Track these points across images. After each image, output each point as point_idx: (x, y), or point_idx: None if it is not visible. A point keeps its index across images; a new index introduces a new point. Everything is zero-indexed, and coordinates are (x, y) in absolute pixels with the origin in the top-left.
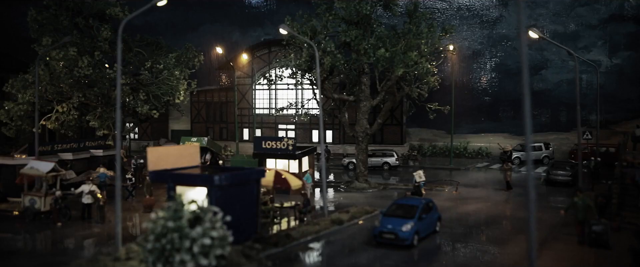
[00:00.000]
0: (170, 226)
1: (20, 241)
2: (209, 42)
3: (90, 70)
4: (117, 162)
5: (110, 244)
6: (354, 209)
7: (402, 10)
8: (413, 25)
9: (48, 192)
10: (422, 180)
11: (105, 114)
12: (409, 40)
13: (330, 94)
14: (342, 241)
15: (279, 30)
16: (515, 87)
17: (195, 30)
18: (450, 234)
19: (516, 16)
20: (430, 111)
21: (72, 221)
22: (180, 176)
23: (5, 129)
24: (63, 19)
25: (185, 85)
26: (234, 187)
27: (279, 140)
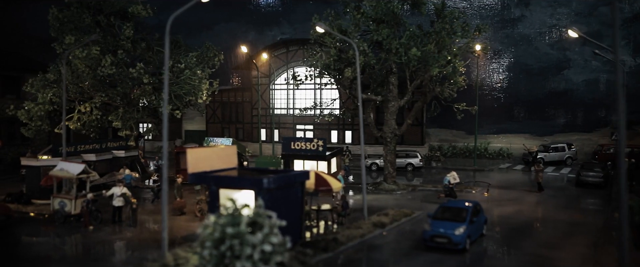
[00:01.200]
0: (230, 232)
1: (52, 246)
2: (224, 42)
3: (113, 70)
4: (164, 164)
5: (147, 249)
6: (392, 212)
7: (431, 9)
8: (446, 23)
9: (78, 194)
10: (456, 181)
11: (128, 114)
12: (442, 39)
13: (357, 94)
14: (389, 245)
15: (316, 28)
16: (537, 87)
17: (210, 29)
18: (497, 237)
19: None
20: (458, 112)
21: (102, 224)
22: (225, 179)
23: (25, 129)
24: (85, 17)
25: (208, 85)
26: (281, 190)
27: (309, 141)
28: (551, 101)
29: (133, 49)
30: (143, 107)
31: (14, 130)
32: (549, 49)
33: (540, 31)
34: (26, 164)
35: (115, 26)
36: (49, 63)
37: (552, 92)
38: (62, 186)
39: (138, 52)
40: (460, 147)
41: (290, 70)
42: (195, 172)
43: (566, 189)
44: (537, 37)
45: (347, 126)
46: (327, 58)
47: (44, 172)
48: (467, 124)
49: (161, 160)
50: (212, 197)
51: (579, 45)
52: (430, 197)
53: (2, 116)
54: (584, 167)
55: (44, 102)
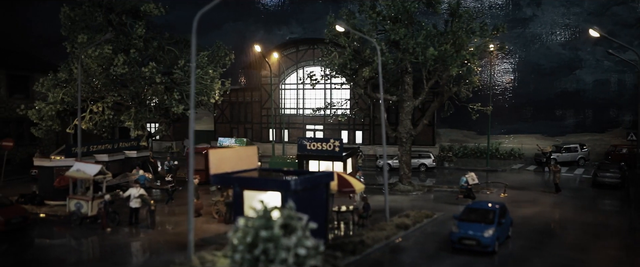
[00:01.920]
0: (264, 235)
1: (71, 249)
2: (232, 41)
3: (125, 69)
4: (190, 164)
5: (168, 251)
6: (413, 213)
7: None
8: (463, 23)
9: (95, 195)
10: (474, 182)
11: (140, 114)
12: (459, 39)
13: (373, 94)
14: (415, 247)
15: (335, 27)
16: (549, 87)
17: (219, 28)
18: (523, 239)
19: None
20: (472, 112)
21: (119, 226)
22: (249, 180)
23: (35, 129)
24: (97, 16)
25: (219, 85)
26: (307, 191)
27: (325, 141)
28: (562, 101)
29: (145, 48)
30: (155, 107)
31: (23, 130)
32: (560, 48)
33: (552, 31)
34: (39, 164)
35: (127, 25)
36: (59, 62)
37: (564, 92)
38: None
39: (150, 51)
40: (471, 148)
41: (300, 69)
42: (218, 173)
43: (582, 190)
44: (548, 36)
45: (357, 126)
46: (342, 58)
47: (57, 173)
48: (478, 124)
49: (172, 160)
50: (236, 199)
51: (591, 45)
52: (447, 198)
53: (11, 116)
54: (600, 167)
55: (55, 102)
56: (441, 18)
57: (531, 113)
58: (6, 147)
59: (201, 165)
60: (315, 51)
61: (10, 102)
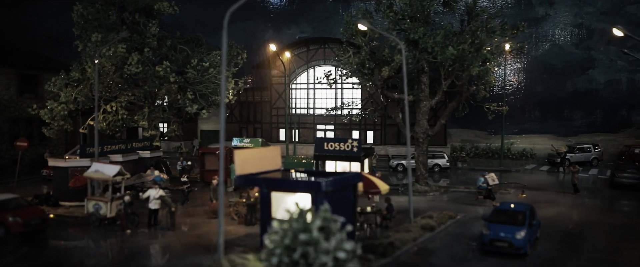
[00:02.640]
0: (303, 239)
1: (93, 251)
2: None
3: (139, 68)
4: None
5: (193, 254)
6: (436, 214)
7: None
8: (481, 22)
9: (113, 196)
10: (494, 183)
11: (153, 114)
12: (479, 38)
13: (389, 94)
14: (443, 249)
15: (358, 26)
16: (561, 87)
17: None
18: (551, 241)
19: (562, 15)
20: (488, 112)
21: (138, 227)
22: (277, 181)
23: (47, 129)
24: (111, 15)
25: (233, 84)
26: (336, 192)
27: (343, 141)
28: (575, 101)
29: (158, 47)
30: (169, 106)
31: (32, 130)
32: (573, 48)
33: (565, 30)
34: (53, 164)
35: (140, 24)
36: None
37: (576, 92)
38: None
39: (163, 50)
40: (482, 148)
41: (311, 69)
42: (243, 174)
43: (600, 190)
44: (561, 36)
45: (369, 126)
46: (358, 57)
47: (72, 174)
48: (490, 124)
49: (185, 161)
50: (263, 201)
51: (604, 45)
52: (465, 199)
53: (21, 115)
54: (618, 168)
55: (67, 102)
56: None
57: (543, 113)
58: (20, 148)
59: (215, 165)
60: (327, 51)
61: (20, 101)
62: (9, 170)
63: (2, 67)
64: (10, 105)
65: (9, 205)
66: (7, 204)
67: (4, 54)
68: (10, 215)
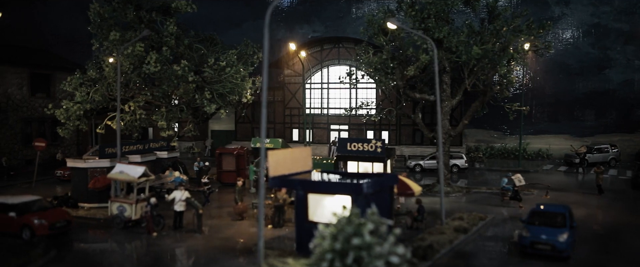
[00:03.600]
0: (356, 243)
1: (121, 255)
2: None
3: (157, 67)
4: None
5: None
6: (466, 216)
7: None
8: (505, 21)
9: (138, 198)
10: (521, 184)
11: (171, 114)
12: (505, 37)
13: (412, 93)
14: (481, 252)
15: (387, 24)
16: (576, 86)
17: (239, 26)
18: (589, 243)
19: (578, 14)
20: (510, 112)
21: (164, 230)
22: (315, 183)
23: (61, 129)
24: (128, 13)
25: (251, 83)
26: (375, 195)
27: (366, 141)
28: (591, 101)
29: (176, 46)
30: (187, 106)
31: (44, 130)
32: (589, 48)
33: (581, 30)
34: (73, 165)
35: (157, 22)
36: (81, 61)
37: (593, 92)
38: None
39: (180, 49)
40: (497, 148)
41: (325, 69)
42: (277, 175)
43: (624, 191)
44: (577, 36)
45: (384, 126)
46: (378, 56)
47: (91, 174)
48: (504, 124)
49: (202, 161)
50: (299, 203)
51: (621, 44)
52: (489, 200)
53: (33, 115)
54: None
55: (83, 101)
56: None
57: (558, 113)
58: (38, 148)
59: (232, 166)
60: (341, 50)
61: (32, 101)
62: (22, 171)
63: (15, 66)
64: (23, 105)
65: (32, 207)
66: (30, 206)
67: (16, 52)
68: (35, 217)
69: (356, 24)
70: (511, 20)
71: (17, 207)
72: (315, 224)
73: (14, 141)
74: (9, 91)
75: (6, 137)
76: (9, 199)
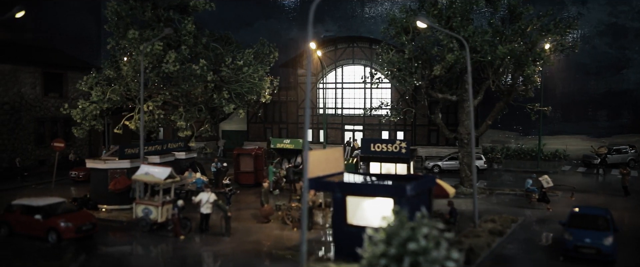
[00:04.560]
0: (413, 248)
1: (152, 259)
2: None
3: (176, 66)
4: (305, 167)
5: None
6: (497, 218)
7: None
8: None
9: (164, 200)
10: (549, 185)
11: (188, 114)
12: (531, 36)
13: (434, 93)
14: (521, 255)
15: (417, 23)
16: (593, 87)
17: (250, 25)
18: (631, 247)
19: (595, 14)
20: (531, 112)
21: (190, 233)
22: (356, 185)
23: (76, 129)
24: (146, 11)
25: (268, 83)
26: (416, 197)
27: (391, 142)
28: (609, 101)
29: (194, 45)
30: (205, 106)
31: (57, 130)
32: (607, 48)
33: (598, 29)
34: (92, 166)
35: (175, 21)
36: (92, 60)
37: (610, 92)
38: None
39: (198, 48)
40: (513, 149)
41: (339, 68)
42: (314, 177)
43: None
44: (594, 35)
45: (398, 127)
46: (402, 56)
47: (111, 176)
48: (520, 125)
49: (220, 162)
50: (337, 206)
51: (639, 44)
52: (514, 201)
53: (46, 115)
54: None
55: (99, 101)
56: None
57: (575, 113)
58: (57, 148)
59: (250, 167)
60: (355, 50)
61: (45, 100)
62: (36, 171)
63: (28, 65)
64: (36, 104)
65: (57, 209)
66: (55, 208)
67: (29, 51)
68: (61, 220)
69: (369, 24)
70: (536, 20)
71: (43, 210)
72: (355, 227)
73: (27, 141)
74: (22, 91)
75: (19, 138)
76: (34, 201)
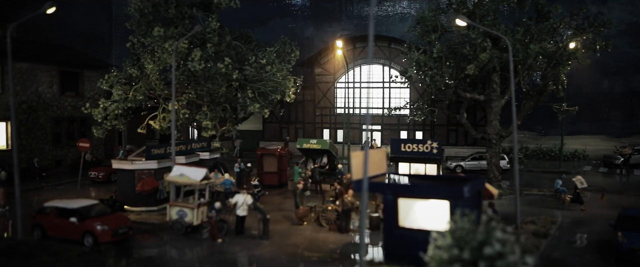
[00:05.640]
0: (489, 253)
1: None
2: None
3: (202, 65)
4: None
5: None
6: (537, 219)
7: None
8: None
9: (200, 203)
10: (583, 186)
11: (213, 113)
12: (563, 35)
13: (463, 93)
14: (573, 259)
15: (456, 21)
16: (613, 86)
17: (264, 24)
18: None
19: (616, 13)
20: (559, 112)
21: (227, 236)
22: (408, 187)
23: (96, 128)
24: (169, 9)
25: (292, 82)
26: (470, 199)
27: (422, 142)
28: (628, 101)
29: (218, 43)
30: (229, 105)
31: (73, 130)
32: (627, 47)
33: (619, 29)
34: (118, 167)
35: (199, 18)
36: (106, 59)
37: (630, 92)
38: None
39: (223, 46)
40: (532, 149)
41: (357, 67)
42: (360, 179)
43: None
44: (614, 35)
45: (417, 127)
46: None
47: (138, 177)
48: (539, 125)
49: (243, 163)
50: (389, 208)
51: None
52: (545, 202)
53: (62, 114)
54: None
55: (120, 100)
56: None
57: (594, 113)
58: (82, 148)
59: (273, 167)
60: (374, 48)
61: (61, 99)
62: (53, 172)
63: (46, 64)
64: (53, 104)
65: (91, 212)
66: (89, 210)
67: (46, 50)
68: (98, 223)
69: (387, 23)
70: (569, 19)
71: (78, 212)
72: (407, 230)
73: (45, 141)
74: (40, 90)
75: (37, 138)
76: (68, 203)
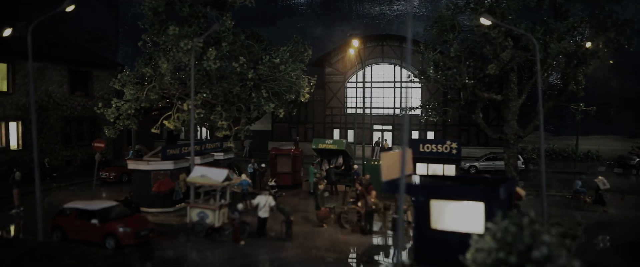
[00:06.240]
0: (537, 256)
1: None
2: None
3: (217, 64)
4: None
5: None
6: (562, 221)
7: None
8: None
9: (222, 204)
10: (605, 187)
11: (227, 113)
12: (585, 34)
13: (480, 93)
14: (608, 262)
15: (480, 20)
16: (627, 86)
17: (273, 23)
18: None
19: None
20: (576, 112)
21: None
22: (441, 188)
23: (109, 128)
24: (184, 7)
25: (306, 82)
26: (503, 201)
27: (441, 143)
28: None
29: (233, 42)
30: (244, 105)
31: (83, 129)
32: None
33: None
34: (134, 167)
35: (214, 17)
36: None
37: None
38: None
39: (237, 45)
40: (545, 149)
41: (368, 67)
42: (390, 180)
43: None
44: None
45: (429, 127)
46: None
47: (154, 178)
48: (552, 125)
49: (257, 163)
50: (420, 210)
51: None
52: (565, 203)
53: (72, 114)
54: None
55: (133, 99)
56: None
57: (607, 114)
58: (98, 148)
59: (288, 168)
60: (385, 48)
61: (71, 99)
62: (64, 172)
63: (56, 63)
64: (63, 103)
65: (111, 213)
66: (110, 212)
67: (55, 49)
68: (119, 225)
69: (397, 22)
70: (590, 17)
71: (99, 214)
72: (440, 232)
73: (55, 141)
74: (50, 89)
75: (47, 138)
76: (88, 204)
